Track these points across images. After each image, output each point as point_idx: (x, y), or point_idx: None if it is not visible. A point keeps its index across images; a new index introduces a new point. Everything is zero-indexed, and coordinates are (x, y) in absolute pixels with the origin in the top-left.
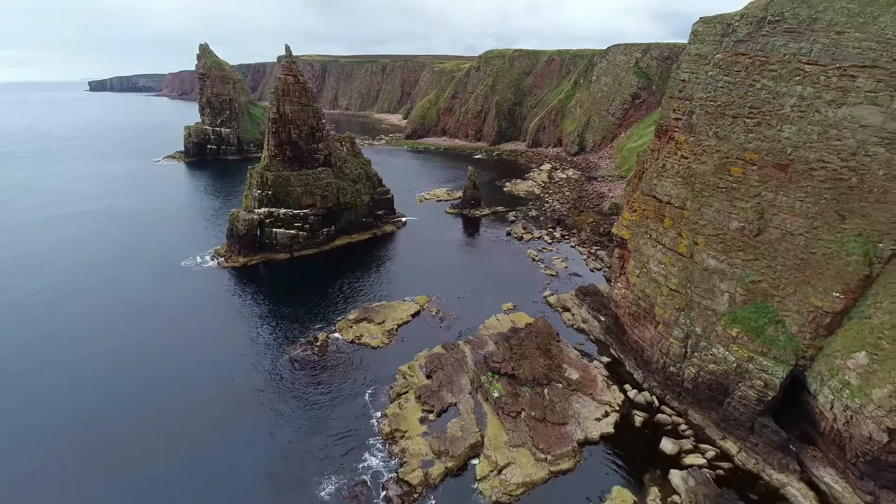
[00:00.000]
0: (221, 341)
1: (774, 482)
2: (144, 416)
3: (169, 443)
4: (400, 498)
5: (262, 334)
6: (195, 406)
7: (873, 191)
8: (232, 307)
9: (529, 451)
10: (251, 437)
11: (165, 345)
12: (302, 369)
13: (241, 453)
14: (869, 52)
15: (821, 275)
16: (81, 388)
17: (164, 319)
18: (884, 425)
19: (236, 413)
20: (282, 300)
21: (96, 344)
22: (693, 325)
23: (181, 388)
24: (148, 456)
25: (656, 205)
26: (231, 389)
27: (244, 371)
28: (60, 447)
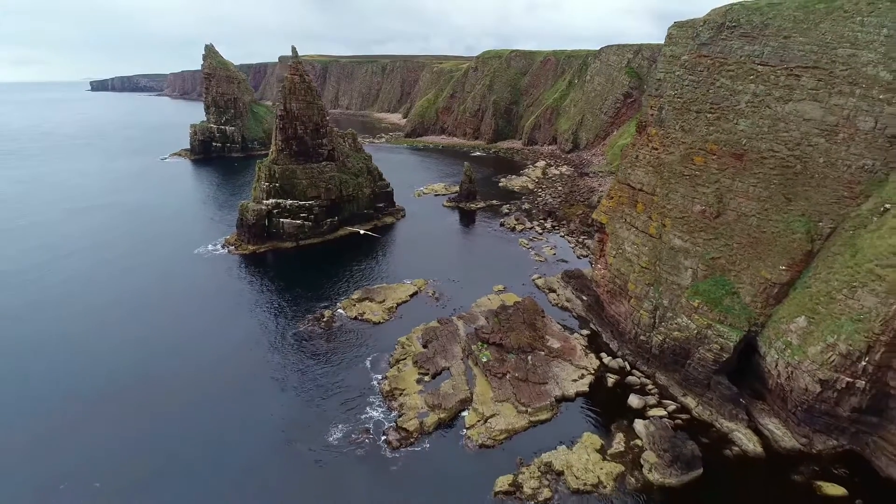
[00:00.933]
0: (235, 318)
1: (724, 429)
2: (166, 381)
3: (191, 402)
4: (398, 441)
5: (272, 312)
6: (212, 373)
7: (815, 176)
8: (243, 289)
9: (512, 404)
10: (264, 398)
11: (183, 321)
12: (309, 340)
13: (256, 410)
14: (811, 55)
15: (770, 251)
16: (109, 356)
17: (181, 299)
18: (816, 377)
19: (250, 377)
20: (289, 283)
21: (120, 319)
22: (661, 298)
23: (198, 358)
24: (173, 414)
25: (630, 192)
26: (245, 358)
27: (256, 343)
28: (96, 403)
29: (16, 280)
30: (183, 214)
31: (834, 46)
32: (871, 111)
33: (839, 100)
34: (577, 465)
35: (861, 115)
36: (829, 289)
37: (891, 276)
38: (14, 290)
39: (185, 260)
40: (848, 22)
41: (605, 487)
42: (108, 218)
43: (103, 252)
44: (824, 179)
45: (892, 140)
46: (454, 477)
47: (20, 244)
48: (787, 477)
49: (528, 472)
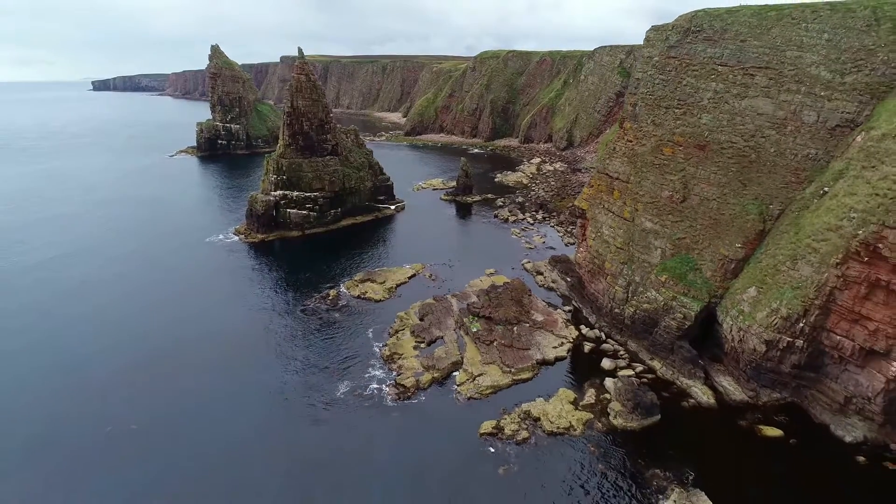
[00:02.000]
0: (247, 296)
1: (683, 385)
2: (190, 346)
3: (212, 363)
4: (397, 395)
5: (281, 291)
6: (230, 341)
7: (766, 164)
8: (253, 272)
9: (498, 366)
10: (277, 361)
11: (201, 298)
12: (316, 315)
13: (269, 371)
14: (764, 56)
15: (728, 231)
16: (141, 326)
17: (195, 281)
18: (762, 339)
19: (263, 344)
20: (296, 268)
21: (147, 297)
22: (633, 274)
23: (216, 329)
24: (198, 372)
25: (608, 180)
26: (258, 329)
27: (268, 316)
28: (133, 362)
29: (57, 265)
30: (193, 207)
31: (783, 49)
32: (814, 106)
33: (787, 96)
34: (552, 413)
35: (806, 109)
36: (775, 262)
37: (823, 248)
38: (58, 274)
39: (198, 247)
40: (795, 27)
41: (575, 430)
42: (125, 210)
43: (119, 239)
44: (775, 167)
45: (832, 132)
46: (445, 422)
47: (54, 235)
48: (734, 423)
49: (509, 419)
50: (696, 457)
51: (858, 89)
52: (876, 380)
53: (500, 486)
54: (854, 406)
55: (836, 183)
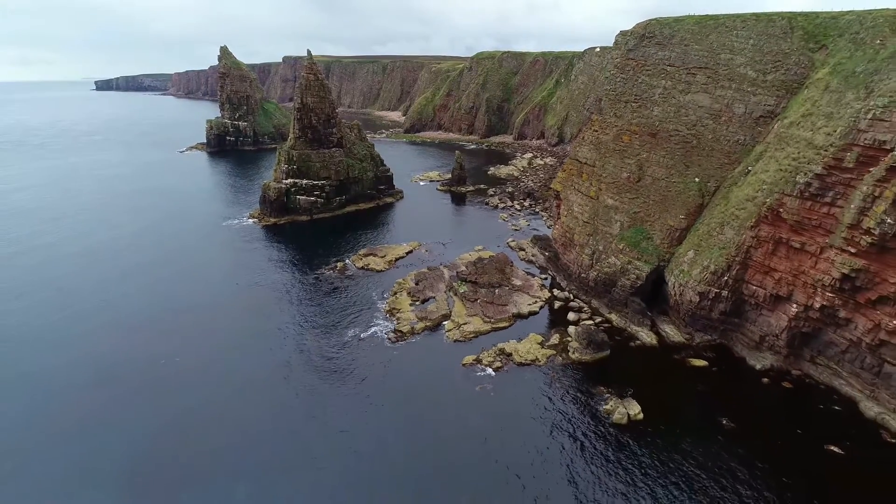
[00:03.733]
0: (264, 268)
1: (633, 331)
2: (216, 306)
3: (236, 319)
4: (395, 338)
5: (294, 264)
6: (253, 301)
7: (705, 148)
8: (269, 249)
9: (480, 318)
10: (293, 317)
11: (223, 268)
12: (327, 282)
13: (287, 323)
14: (703, 58)
15: (674, 205)
16: (173, 291)
17: (219, 254)
18: (696, 291)
19: (283, 303)
20: (307, 246)
21: (175, 269)
22: (597, 244)
23: (238, 294)
24: (223, 325)
25: (578, 165)
26: (278, 292)
27: (285, 283)
28: (168, 317)
29: (99, 244)
30: (208, 196)
31: (718, 52)
32: (743, 100)
33: (721, 92)
34: (522, 350)
35: (736, 103)
36: (709, 229)
37: (743, 215)
38: (99, 253)
39: (216, 229)
40: (728, 34)
41: (539, 362)
42: (146, 199)
43: (150, 224)
44: (712, 151)
45: (756, 121)
46: (434, 356)
47: (88, 225)
48: (670, 357)
49: (486, 354)
50: (635, 379)
51: (777, 86)
52: (781, 319)
53: (476, 399)
54: (766, 343)
55: (757, 163)
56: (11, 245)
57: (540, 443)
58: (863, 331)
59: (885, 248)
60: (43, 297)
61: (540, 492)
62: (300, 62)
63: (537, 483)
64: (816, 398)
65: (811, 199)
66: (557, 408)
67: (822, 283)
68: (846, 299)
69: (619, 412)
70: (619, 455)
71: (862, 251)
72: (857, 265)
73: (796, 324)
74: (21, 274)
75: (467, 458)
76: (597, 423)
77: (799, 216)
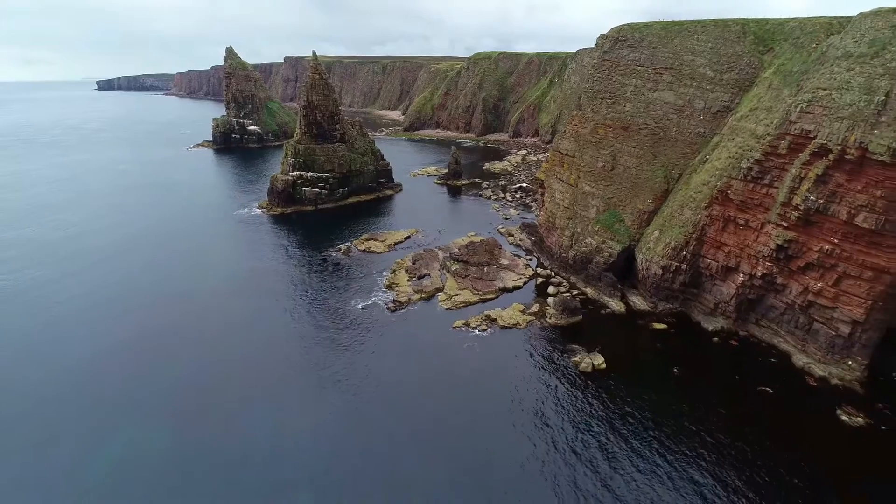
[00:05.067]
0: (275, 251)
1: (604, 301)
2: (233, 283)
3: (253, 293)
4: (394, 307)
5: (302, 247)
6: (266, 278)
7: (670, 140)
8: (277, 236)
9: (470, 290)
10: (305, 289)
11: (236, 251)
12: (332, 262)
13: (299, 295)
14: (668, 59)
15: (643, 191)
16: (193, 271)
17: (232, 239)
18: (660, 265)
19: (293, 279)
20: (312, 232)
21: (193, 251)
22: (576, 227)
23: (254, 271)
24: (241, 298)
25: (560, 156)
26: (289, 270)
27: (292, 264)
28: (190, 293)
29: (115, 233)
30: (217, 189)
31: (682, 54)
32: (702, 97)
33: (684, 89)
34: (506, 316)
35: (696, 99)
36: (671, 211)
37: (699, 197)
38: (115, 237)
39: (227, 218)
40: (690, 38)
41: (520, 326)
42: (159, 192)
43: (165, 213)
44: (676, 142)
45: (714, 115)
46: (428, 321)
47: (109, 216)
48: (635, 321)
49: (474, 319)
50: (602, 339)
51: (731, 84)
52: (731, 288)
53: (463, 354)
54: (719, 309)
55: (713, 152)
56: (60, 229)
57: (516, 386)
58: (795, 294)
59: (809, 222)
60: (82, 276)
61: (515, 421)
62: (301, 62)
63: (512, 415)
64: (757, 353)
65: (753, 182)
66: (534, 360)
67: (763, 253)
68: (781, 267)
69: (585, 362)
70: (583, 395)
71: (792, 224)
72: (789, 237)
73: (743, 291)
74: (71, 254)
75: (454, 398)
76: (565, 371)
77: (743, 196)
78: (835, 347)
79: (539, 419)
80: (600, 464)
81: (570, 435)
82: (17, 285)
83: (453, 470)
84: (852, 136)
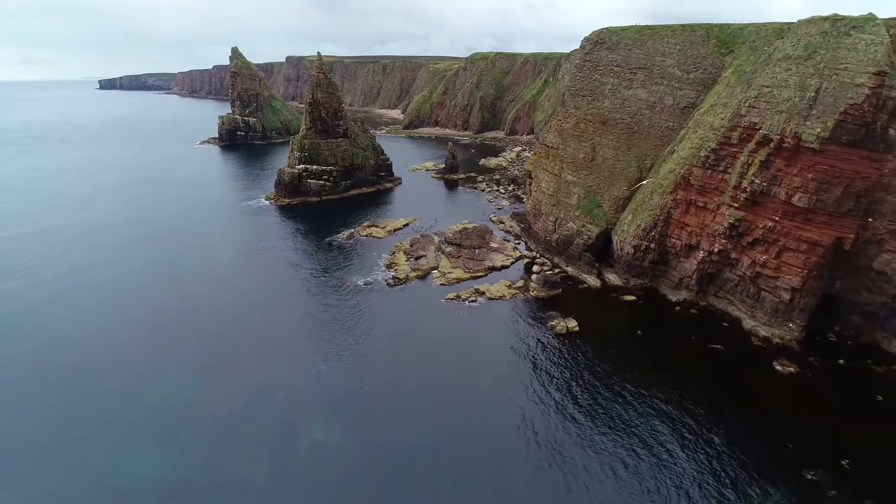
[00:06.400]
0: (283, 237)
1: (582, 278)
2: (247, 265)
3: (264, 276)
4: (393, 282)
5: (308, 233)
6: (276, 261)
7: (643, 133)
8: (284, 224)
9: (462, 269)
10: (312, 269)
11: (247, 238)
12: (336, 245)
13: (307, 274)
14: (642, 60)
15: (619, 179)
16: (197, 256)
17: (243, 227)
18: (632, 245)
19: (301, 261)
20: (318, 220)
21: (205, 240)
22: (559, 212)
23: (265, 254)
24: (252, 280)
25: (546, 149)
26: (297, 253)
27: (299, 247)
28: (208, 275)
29: (138, 224)
30: (225, 183)
31: (654, 55)
32: (671, 94)
33: (655, 87)
34: (493, 289)
35: (666, 96)
36: (643, 197)
37: (666, 183)
38: (140, 228)
39: (236, 209)
40: (661, 41)
41: (506, 297)
42: (171, 186)
43: (177, 205)
44: (648, 135)
45: (682, 111)
46: (424, 295)
47: (123, 208)
48: (608, 294)
49: (465, 292)
50: (578, 308)
51: (697, 82)
52: (692, 263)
53: (454, 321)
54: (683, 283)
55: (680, 143)
56: (91, 220)
57: (499, 346)
58: (746, 267)
59: (755, 202)
60: (116, 259)
61: (496, 374)
62: (302, 62)
63: (496, 367)
64: (712, 319)
65: (710, 169)
66: (516, 326)
67: (719, 232)
68: (735, 243)
69: (561, 326)
70: (557, 351)
71: (742, 205)
72: (739, 216)
73: (703, 266)
74: (96, 240)
75: (444, 357)
76: (543, 333)
77: (702, 182)
78: (778, 312)
79: (517, 370)
80: (568, 405)
81: (545, 382)
82: (73, 265)
83: (444, 402)
84: (789, 127)
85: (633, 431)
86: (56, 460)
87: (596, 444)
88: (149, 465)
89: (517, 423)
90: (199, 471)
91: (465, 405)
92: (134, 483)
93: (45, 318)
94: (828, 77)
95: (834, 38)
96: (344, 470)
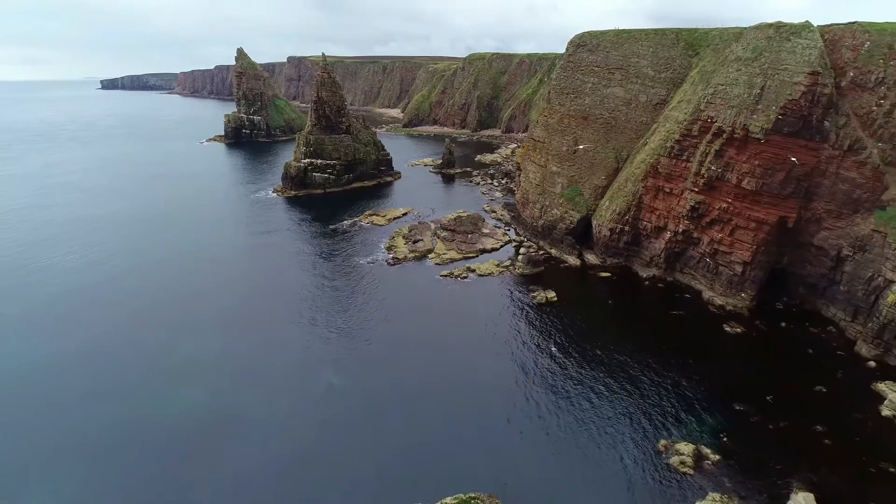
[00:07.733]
0: (291, 225)
1: (564, 258)
2: (258, 250)
3: (275, 258)
4: (392, 262)
5: (314, 222)
6: (285, 245)
7: (620, 128)
8: (292, 213)
9: (455, 251)
10: (319, 251)
11: (258, 225)
12: (341, 232)
13: (315, 256)
14: (619, 61)
15: (598, 169)
16: (220, 241)
17: (254, 217)
18: (607, 227)
19: (309, 245)
20: (322, 210)
21: (218, 227)
22: (545, 200)
23: (275, 239)
24: (261, 262)
25: (533, 143)
26: (304, 238)
27: (306, 233)
28: (219, 257)
29: (156, 217)
30: (233, 177)
31: (630, 57)
32: (645, 92)
33: (631, 86)
34: (483, 268)
35: (641, 94)
36: (619, 184)
37: (638, 172)
38: (158, 220)
39: (247, 200)
40: (636, 44)
41: (494, 274)
42: (181, 181)
43: (190, 197)
44: (625, 129)
45: (654, 107)
46: (420, 273)
47: (138, 200)
48: (586, 272)
49: (457, 270)
50: (558, 283)
51: (667, 81)
52: (661, 243)
53: (448, 294)
54: (653, 262)
55: (651, 136)
56: (114, 213)
57: (486, 314)
58: (705, 245)
59: (712, 187)
60: (138, 246)
61: (482, 335)
62: (304, 62)
63: (484, 329)
64: (676, 291)
65: (675, 158)
66: (502, 297)
67: (682, 214)
68: (696, 224)
69: (541, 296)
70: (536, 317)
71: (701, 189)
72: (699, 199)
73: (670, 245)
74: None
75: (438, 323)
76: (525, 302)
77: (668, 170)
78: (732, 283)
79: (501, 330)
80: (543, 359)
81: (525, 338)
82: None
83: (438, 356)
84: (738, 120)
85: (598, 376)
86: (110, 397)
87: (566, 386)
88: (189, 399)
89: (501, 369)
90: (230, 405)
91: (455, 358)
92: (175, 413)
93: (105, 292)
94: (771, 76)
95: (777, 42)
96: (354, 403)
